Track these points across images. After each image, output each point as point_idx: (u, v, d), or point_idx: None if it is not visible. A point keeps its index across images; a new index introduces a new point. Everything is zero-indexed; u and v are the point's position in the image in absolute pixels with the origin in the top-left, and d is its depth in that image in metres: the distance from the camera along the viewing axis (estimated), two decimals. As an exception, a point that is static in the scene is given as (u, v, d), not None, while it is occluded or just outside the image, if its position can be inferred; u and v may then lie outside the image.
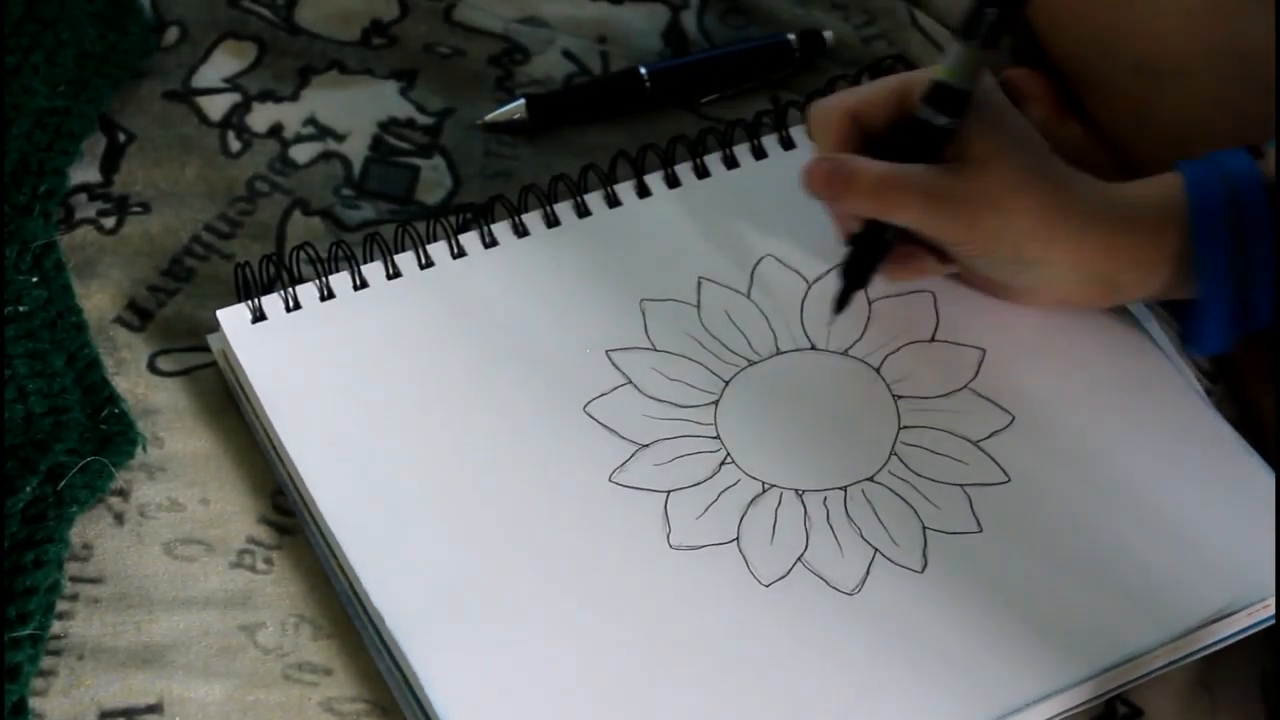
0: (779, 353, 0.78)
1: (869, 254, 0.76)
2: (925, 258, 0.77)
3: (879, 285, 0.78)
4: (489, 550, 0.70)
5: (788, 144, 0.84)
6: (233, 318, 0.76)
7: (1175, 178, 0.75)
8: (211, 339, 0.77)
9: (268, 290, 0.77)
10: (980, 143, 0.73)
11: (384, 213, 0.83)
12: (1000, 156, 0.73)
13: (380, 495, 0.71)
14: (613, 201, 0.82)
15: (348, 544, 0.70)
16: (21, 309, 0.76)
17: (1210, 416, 0.77)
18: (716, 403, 0.76)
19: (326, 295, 0.77)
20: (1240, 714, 0.72)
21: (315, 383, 0.74)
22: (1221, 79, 0.80)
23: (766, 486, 0.73)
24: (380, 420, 0.74)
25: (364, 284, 0.78)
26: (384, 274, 0.78)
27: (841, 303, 0.77)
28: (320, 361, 0.75)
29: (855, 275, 0.76)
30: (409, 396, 0.74)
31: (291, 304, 0.77)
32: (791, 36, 0.90)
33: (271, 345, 0.75)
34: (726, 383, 0.76)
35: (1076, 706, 0.69)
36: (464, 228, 0.80)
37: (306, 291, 0.77)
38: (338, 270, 0.78)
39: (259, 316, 0.76)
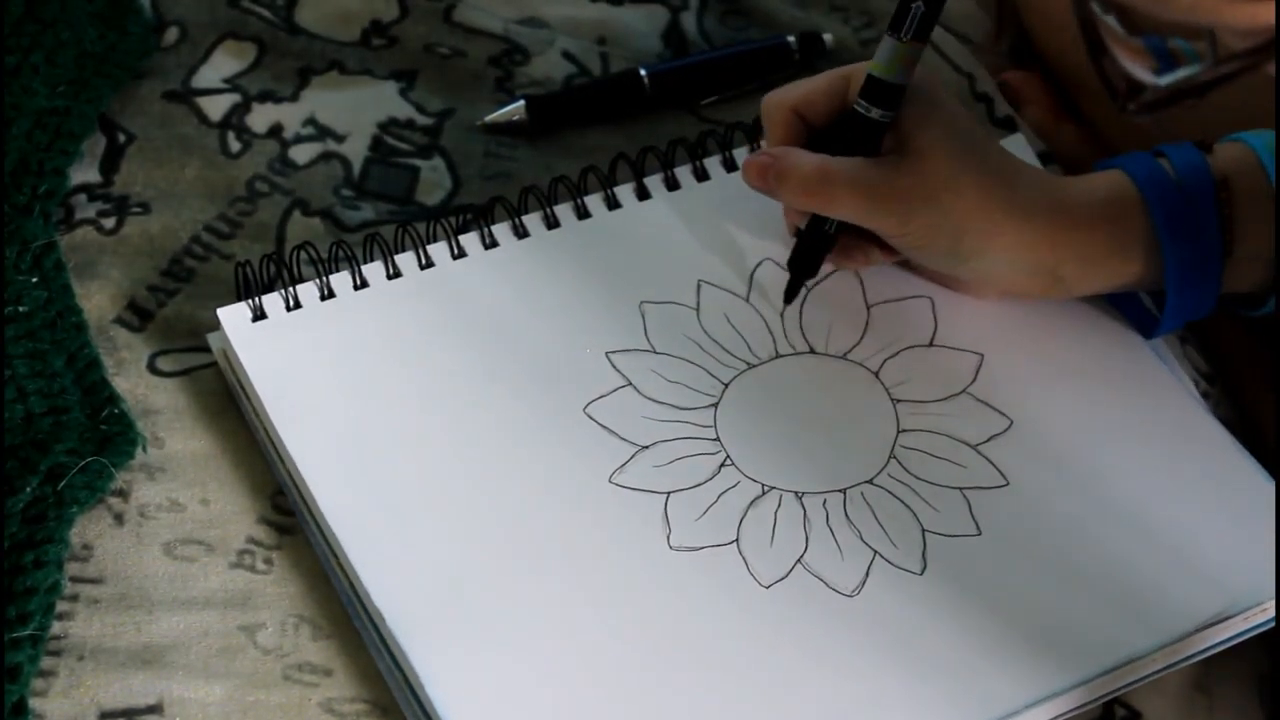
0: (778, 356, 0.78)
1: (813, 246, 0.77)
2: (869, 248, 0.77)
3: (872, 284, 0.79)
4: (489, 550, 0.70)
5: (787, 146, 0.85)
6: (233, 316, 0.76)
7: (1118, 174, 0.75)
8: (211, 338, 0.77)
9: (268, 290, 0.77)
10: (917, 135, 0.73)
11: (384, 213, 0.83)
12: (936, 149, 0.73)
13: (380, 495, 0.72)
14: (612, 204, 0.82)
15: (348, 544, 0.70)
16: (21, 309, 0.76)
17: (1207, 421, 0.77)
18: (716, 405, 0.76)
19: (327, 295, 0.77)
20: (1238, 717, 0.72)
21: (315, 382, 0.74)
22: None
23: (766, 488, 0.73)
24: (380, 419, 0.74)
25: (364, 284, 0.78)
26: (384, 274, 0.78)
27: (791, 292, 0.78)
28: (320, 361, 0.75)
29: (801, 266, 0.77)
30: (409, 396, 0.75)
31: (292, 303, 0.77)
32: (791, 39, 0.90)
33: (272, 344, 0.75)
34: (726, 385, 0.76)
35: (1075, 709, 0.69)
36: (464, 228, 0.80)
37: (307, 291, 0.77)
38: (338, 270, 0.78)
39: (259, 315, 0.76)
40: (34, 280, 0.77)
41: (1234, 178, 0.74)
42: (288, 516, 0.73)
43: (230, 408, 0.76)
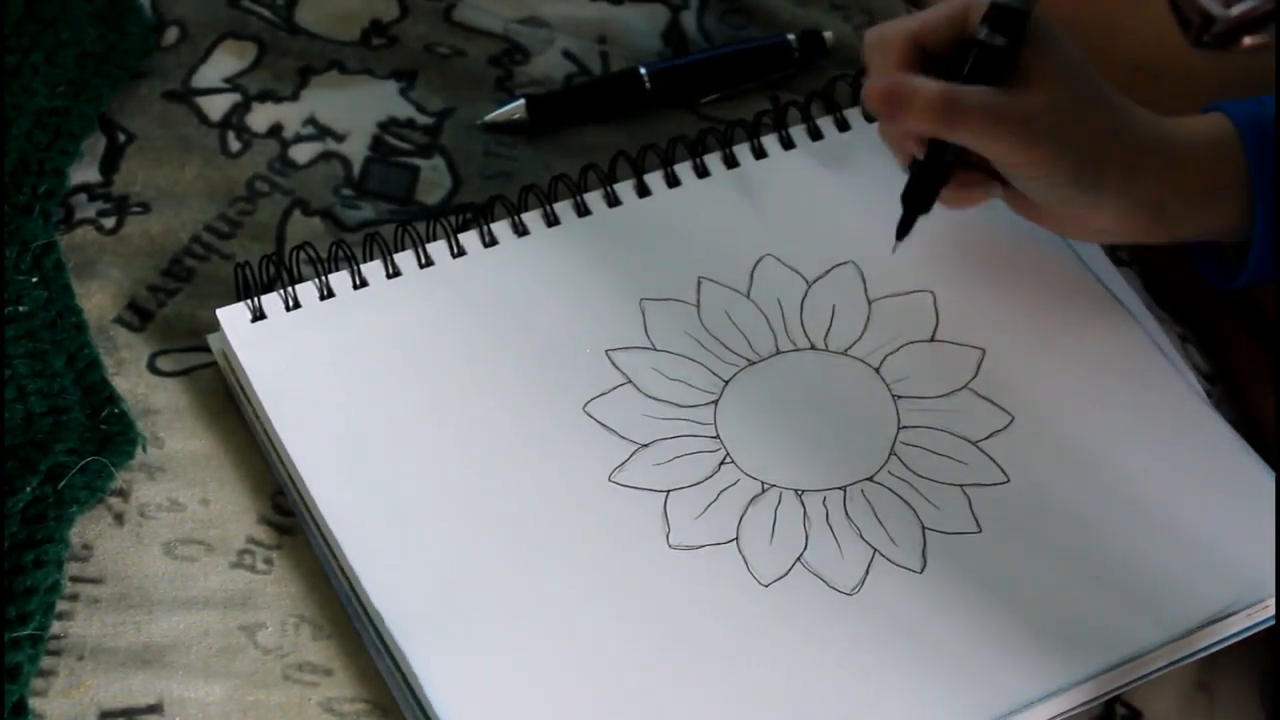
0: (779, 353, 0.78)
1: (931, 177, 0.76)
2: (984, 182, 0.77)
3: (873, 279, 0.78)
4: (488, 549, 0.70)
5: (788, 144, 0.84)
6: (232, 316, 0.76)
7: (1220, 116, 0.75)
8: (211, 339, 0.77)
9: (267, 290, 0.77)
10: (1037, 66, 0.73)
11: (384, 213, 0.83)
12: (1058, 80, 0.73)
13: (380, 494, 0.71)
14: (612, 201, 0.82)
15: (347, 544, 0.70)
16: (21, 309, 0.76)
17: (1210, 417, 0.77)
18: (716, 402, 0.76)
19: (326, 294, 0.77)
20: (1238, 715, 0.72)
21: (315, 381, 0.74)
22: (1220, 77, 0.80)
23: (766, 486, 0.73)
24: (380, 419, 0.74)
25: (364, 283, 0.78)
26: (384, 273, 0.78)
27: (904, 228, 0.77)
28: (320, 360, 0.75)
29: (918, 200, 0.76)
30: (408, 395, 0.74)
31: (291, 303, 0.77)
32: (791, 37, 0.90)
33: (271, 344, 0.75)
34: (726, 382, 0.76)
35: (1076, 707, 0.69)
36: (463, 227, 0.80)
37: (306, 290, 0.77)
38: (337, 270, 0.78)
39: (259, 315, 0.76)
40: (34, 280, 0.77)
41: None
42: (288, 516, 0.73)
43: (230, 408, 0.76)
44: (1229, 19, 0.60)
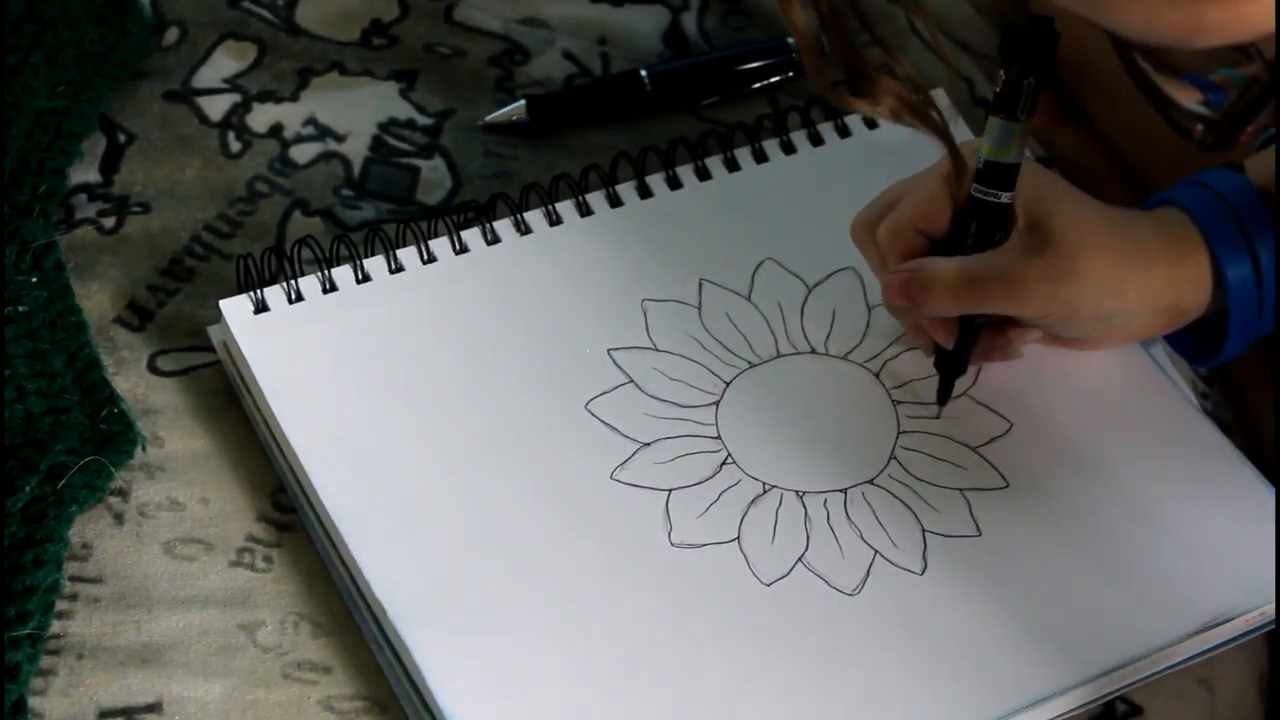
0: (779, 355, 0.78)
1: (964, 344, 0.75)
2: (1008, 338, 0.76)
3: (873, 286, 0.78)
4: (490, 544, 0.70)
5: (788, 149, 0.85)
6: (235, 308, 0.76)
7: (1167, 208, 0.73)
8: (212, 331, 0.77)
9: (269, 285, 0.77)
10: (1035, 210, 0.72)
11: (384, 213, 0.83)
12: (1056, 218, 0.72)
13: (381, 487, 0.71)
14: (614, 202, 0.82)
15: (348, 536, 0.70)
16: (21, 309, 0.76)
17: (1204, 426, 0.77)
18: (717, 403, 0.76)
19: (329, 288, 0.77)
20: (1238, 711, 0.72)
21: (317, 373, 0.74)
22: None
23: (767, 487, 0.73)
24: (382, 413, 0.74)
25: (366, 277, 0.77)
26: (386, 268, 0.78)
27: (945, 394, 0.76)
28: (322, 352, 0.75)
29: (953, 366, 0.76)
30: (411, 390, 0.74)
31: (294, 296, 0.76)
32: (791, 40, 0.90)
33: (273, 336, 0.75)
34: (727, 384, 0.76)
35: (1074, 709, 0.69)
36: (465, 225, 0.80)
37: (309, 284, 0.77)
38: (339, 265, 0.78)
39: (261, 307, 0.76)
40: (34, 280, 0.77)
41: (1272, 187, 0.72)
42: (287, 514, 0.73)
43: (230, 406, 0.76)
44: (1224, 115, 0.59)
